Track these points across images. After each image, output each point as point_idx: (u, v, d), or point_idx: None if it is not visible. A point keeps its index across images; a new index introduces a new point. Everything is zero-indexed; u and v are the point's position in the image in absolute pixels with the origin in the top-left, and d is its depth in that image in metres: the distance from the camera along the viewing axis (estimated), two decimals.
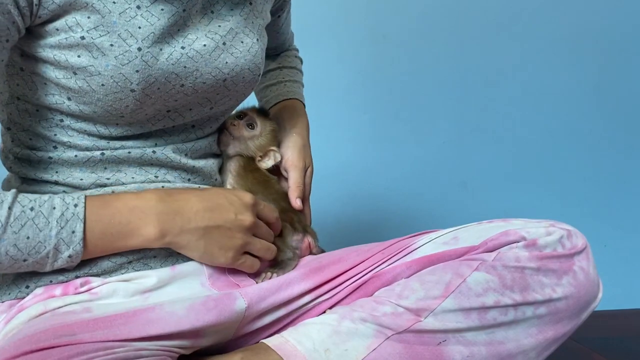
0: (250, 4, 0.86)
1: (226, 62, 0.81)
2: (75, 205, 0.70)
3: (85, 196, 0.71)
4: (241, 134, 0.91)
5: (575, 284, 0.75)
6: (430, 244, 0.81)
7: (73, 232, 0.69)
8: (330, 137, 1.58)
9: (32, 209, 0.68)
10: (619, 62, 1.72)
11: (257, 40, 0.86)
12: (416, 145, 1.66)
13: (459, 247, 0.79)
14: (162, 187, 0.81)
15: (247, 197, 0.79)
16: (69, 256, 0.70)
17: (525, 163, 1.71)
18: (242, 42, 0.83)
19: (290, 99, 1.05)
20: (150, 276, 0.76)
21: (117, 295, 0.74)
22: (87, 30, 0.71)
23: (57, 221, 0.68)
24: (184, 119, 0.82)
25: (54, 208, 0.69)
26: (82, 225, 0.69)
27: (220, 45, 0.80)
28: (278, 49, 1.14)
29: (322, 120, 1.51)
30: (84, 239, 0.70)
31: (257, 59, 0.85)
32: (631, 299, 1.66)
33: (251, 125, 0.92)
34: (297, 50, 1.19)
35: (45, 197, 0.70)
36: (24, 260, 0.68)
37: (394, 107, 1.65)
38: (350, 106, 1.62)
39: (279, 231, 0.86)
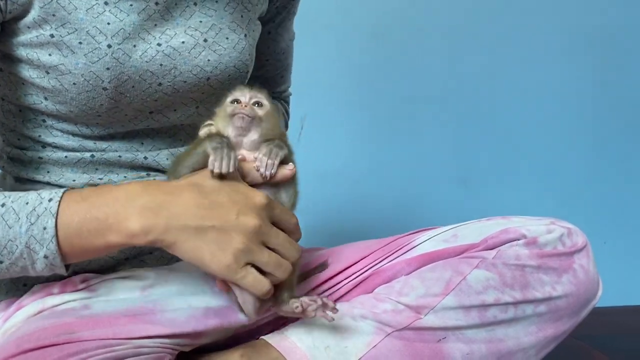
0: None
1: (208, 60, 0.78)
2: (50, 200, 0.63)
3: (65, 190, 0.65)
4: None
5: (575, 282, 0.75)
6: (430, 241, 0.81)
7: (44, 228, 0.62)
8: (328, 135, 1.57)
9: (3, 205, 0.63)
10: (618, 60, 1.72)
11: (245, 35, 0.82)
12: (415, 143, 1.66)
13: (458, 244, 0.79)
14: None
15: (258, 197, 0.66)
16: (45, 256, 0.63)
17: (525, 160, 1.70)
18: (226, 38, 0.79)
19: None
20: (148, 272, 0.76)
21: (115, 292, 0.73)
22: (55, 28, 0.70)
23: (27, 217, 0.62)
24: (169, 120, 0.80)
25: (27, 203, 0.63)
26: (53, 220, 0.62)
27: (201, 42, 0.77)
28: (266, 85, 0.96)
29: (320, 119, 1.51)
30: (56, 236, 0.62)
31: (244, 56, 0.81)
32: (631, 296, 1.66)
33: None
34: (288, 102, 1.08)
35: (22, 193, 0.65)
36: (0, 263, 0.63)
37: (393, 104, 1.65)
38: (348, 104, 1.62)
39: (298, 238, 0.71)
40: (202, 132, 0.71)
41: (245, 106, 0.69)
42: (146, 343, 0.66)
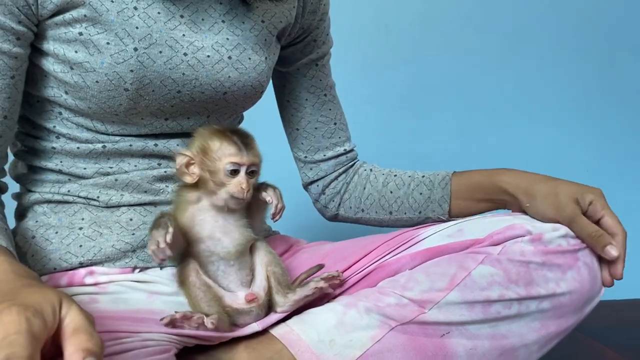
0: (263, 22, 0.85)
1: (229, 76, 0.80)
2: None
3: None
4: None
5: (579, 279, 0.75)
6: (435, 235, 0.81)
7: None
8: None
9: None
10: (621, 55, 1.71)
11: (266, 58, 0.85)
12: (417, 137, 1.66)
13: (464, 239, 0.79)
14: (165, 172, 0.80)
15: (8, 326, 0.45)
16: None
17: (526, 155, 1.70)
18: (249, 58, 0.82)
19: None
20: (162, 279, 0.76)
21: (123, 293, 0.74)
22: (85, 27, 0.72)
23: None
24: (182, 128, 0.82)
25: None
26: None
27: (225, 59, 0.80)
28: (321, 147, 1.01)
29: None
30: None
31: (262, 77, 0.84)
32: (631, 289, 1.66)
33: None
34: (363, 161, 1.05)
35: None
36: None
37: (395, 98, 1.64)
38: (351, 98, 1.61)
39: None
40: (179, 160, 0.74)
41: (248, 190, 0.72)
42: (153, 337, 0.66)
